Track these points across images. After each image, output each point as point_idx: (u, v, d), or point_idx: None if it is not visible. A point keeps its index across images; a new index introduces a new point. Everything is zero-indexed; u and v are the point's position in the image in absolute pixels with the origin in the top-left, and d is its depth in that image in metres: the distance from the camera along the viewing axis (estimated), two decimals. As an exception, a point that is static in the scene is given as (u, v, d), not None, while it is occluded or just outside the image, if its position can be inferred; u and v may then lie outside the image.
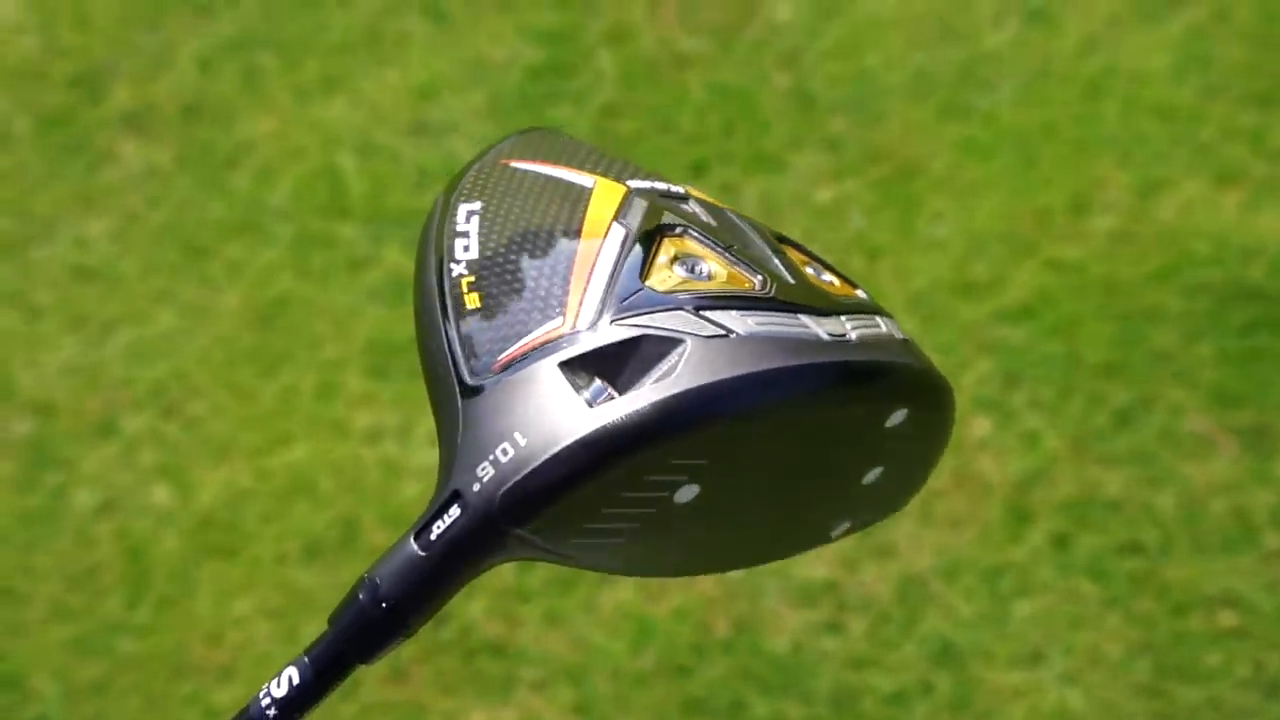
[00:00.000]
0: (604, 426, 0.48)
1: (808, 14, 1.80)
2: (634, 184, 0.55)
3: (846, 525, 0.58)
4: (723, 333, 0.50)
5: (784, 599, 1.39)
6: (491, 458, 0.49)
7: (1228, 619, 1.37)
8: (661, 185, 0.56)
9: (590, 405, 0.49)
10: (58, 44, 1.86)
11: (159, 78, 1.81)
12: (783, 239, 0.57)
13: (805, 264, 0.56)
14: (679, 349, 0.49)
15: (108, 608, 1.44)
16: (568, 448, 0.49)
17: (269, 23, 1.85)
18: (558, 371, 0.50)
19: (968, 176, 1.67)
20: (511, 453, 0.49)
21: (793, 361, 0.50)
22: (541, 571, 1.40)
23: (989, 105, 1.71)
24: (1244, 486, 1.43)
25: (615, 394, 0.49)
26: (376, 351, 1.57)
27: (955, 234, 1.62)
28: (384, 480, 1.49)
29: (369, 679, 1.36)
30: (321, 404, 1.55)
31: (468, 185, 0.56)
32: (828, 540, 0.59)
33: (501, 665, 1.38)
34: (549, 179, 0.55)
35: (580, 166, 0.56)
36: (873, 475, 0.56)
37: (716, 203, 0.59)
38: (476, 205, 0.54)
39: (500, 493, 0.49)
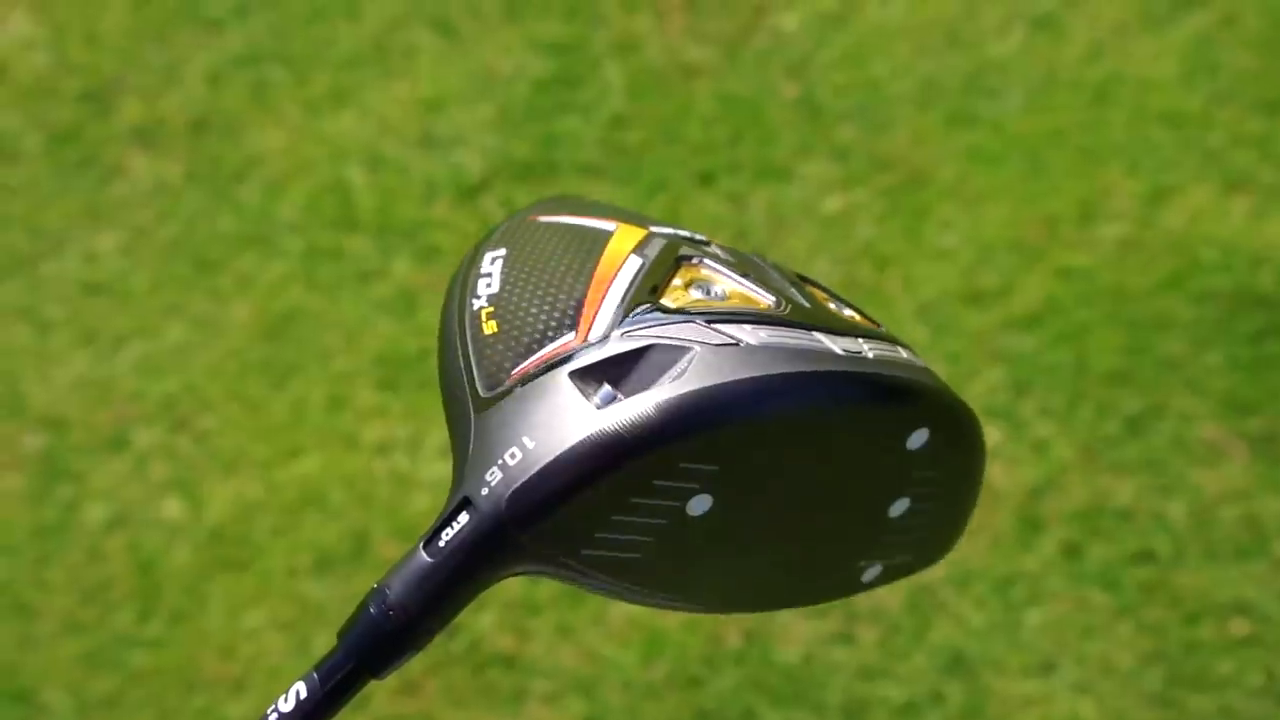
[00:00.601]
0: (610, 426, 0.49)
1: (814, 24, 1.81)
2: (655, 229, 0.56)
3: (878, 570, 0.57)
4: (732, 341, 0.50)
5: (794, 610, 1.39)
6: (500, 462, 0.50)
7: (1240, 627, 1.37)
8: (684, 232, 0.56)
9: (599, 409, 0.49)
10: (67, 60, 1.86)
11: (168, 93, 1.82)
12: (804, 279, 0.57)
13: (826, 300, 0.56)
14: (688, 355, 0.50)
15: (119, 621, 1.44)
16: (574, 447, 0.49)
17: (277, 37, 1.86)
18: (568, 381, 0.50)
19: (976, 185, 1.67)
20: (520, 456, 0.49)
21: (802, 368, 0.50)
22: (551, 584, 1.39)
23: (996, 113, 1.71)
24: (1255, 494, 1.43)
25: (623, 398, 0.49)
26: (386, 364, 1.57)
27: (964, 242, 1.62)
28: (395, 493, 1.49)
29: (379, 691, 1.36)
30: (332, 416, 1.55)
31: (495, 237, 0.57)
32: (860, 586, 0.57)
33: (512, 678, 1.38)
34: (572, 226, 0.56)
35: (605, 217, 0.56)
36: (900, 508, 0.55)
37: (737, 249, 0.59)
38: (501, 251, 0.55)
39: (508, 495, 0.49)
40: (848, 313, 0.56)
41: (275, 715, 0.51)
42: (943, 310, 1.57)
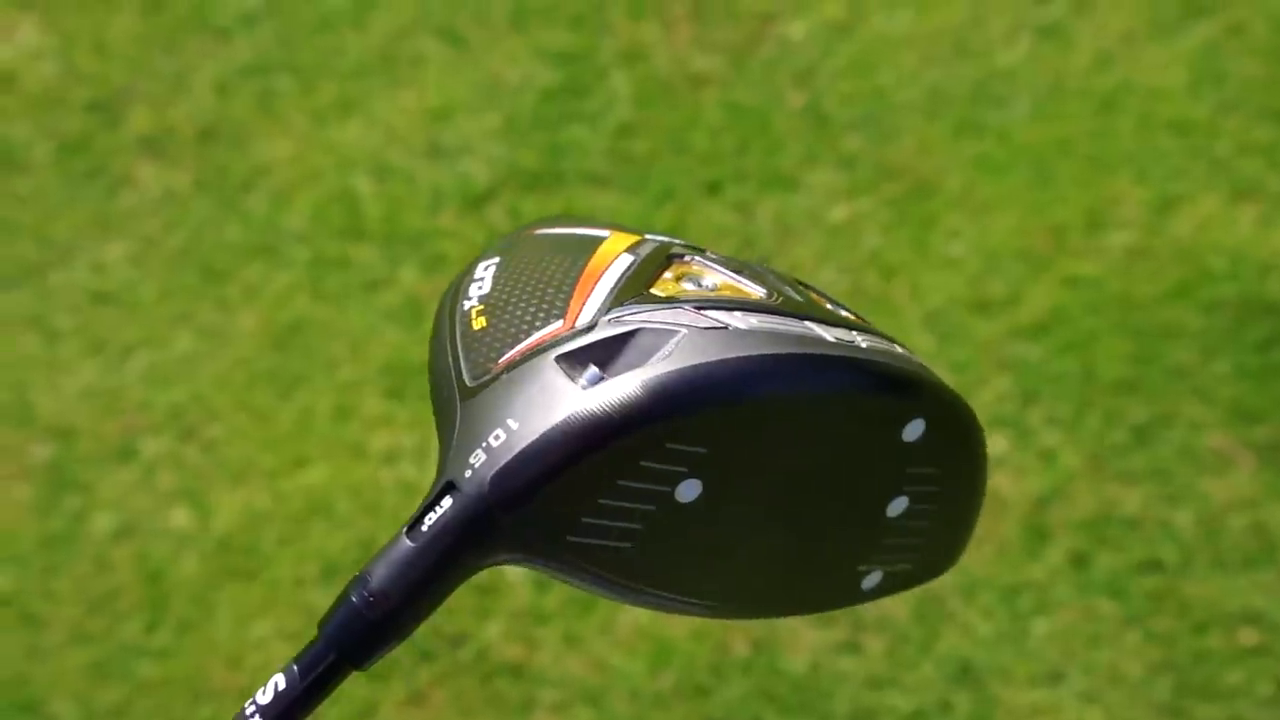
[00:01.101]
0: (596, 405, 0.48)
1: (821, 33, 1.81)
2: (650, 236, 0.56)
3: (879, 577, 0.56)
4: (720, 325, 0.50)
5: (801, 618, 1.39)
6: (484, 445, 0.49)
7: (1248, 636, 1.36)
8: (680, 241, 0.56)
9: (584, 389, 0.49)
10: (76, 69, 1.87)
11: (176, 102, 1.82)
12: (804, 284, 0.57)
13: (823, 301, 0.56)
14: (675, 338, 0.49)
15: (127, 631, 1.44)
16: (558, 426, 0.48)
17: (285, 47, 1.86)
18: (553, 365, 0.50)
19: (983, 193, 1.67)
20: (504, 437, 0.49)
21: (791, 350, 0.50)
22: (559, 593, 1.40)
23: (1003, 122, 1.71)
24: (1263, 502, 1.43)
25: (609, 379, 0.49)
26: (393, 373, 1.58)
27: (971, 251, 1.62)
28: (401, 502, 1.49)
29: (387, 701, 1.37)
30: (339, 426, 1.55)
31: (491, 250, 0.57)
32: (861, 594, 0.56)
33: (520, 687, 1.38)
34: (568, 234, 0.56)
35: (601, 226, 0.57)
36: (898, 508, 0.54)
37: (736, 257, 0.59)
38: (495, 259, 0.55)
39: (491, 476, 0.49)
40: (844, 313, 0.56)
41: (254, 708, 0.50)
42: (950, 319, 1.57)
